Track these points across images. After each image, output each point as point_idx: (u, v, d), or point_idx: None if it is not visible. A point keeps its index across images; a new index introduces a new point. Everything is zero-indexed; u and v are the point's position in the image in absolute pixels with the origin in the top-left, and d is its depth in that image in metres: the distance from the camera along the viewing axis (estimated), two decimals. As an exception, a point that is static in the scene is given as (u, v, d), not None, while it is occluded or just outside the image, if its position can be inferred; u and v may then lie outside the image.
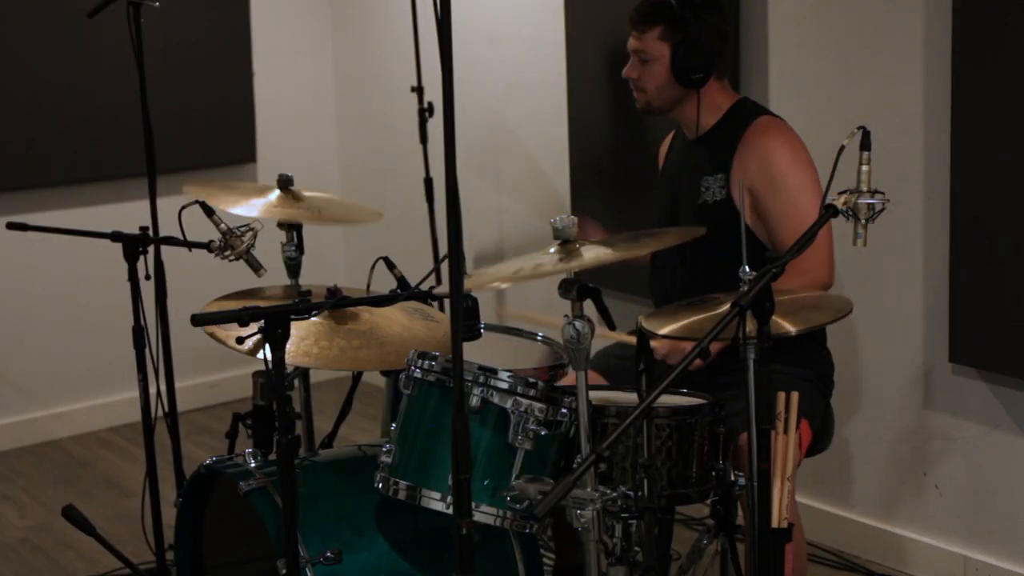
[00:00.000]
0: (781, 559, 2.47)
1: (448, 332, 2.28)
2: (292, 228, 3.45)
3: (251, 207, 3.41)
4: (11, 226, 3.49)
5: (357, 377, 3.50)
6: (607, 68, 4.28)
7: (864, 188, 2.33)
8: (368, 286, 3.17)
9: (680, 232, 2.73)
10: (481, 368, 2.52)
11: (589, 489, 2.39)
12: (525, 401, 2.49)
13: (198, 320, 2.47)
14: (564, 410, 2.52)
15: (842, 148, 2.37)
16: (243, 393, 4.36)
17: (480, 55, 4.87)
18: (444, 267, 3.22)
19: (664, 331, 2.57)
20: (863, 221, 2.34)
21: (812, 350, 3.12)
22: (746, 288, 2.31)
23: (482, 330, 2.77)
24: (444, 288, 2.78)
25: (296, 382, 3.49)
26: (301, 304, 2.51)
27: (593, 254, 2.52)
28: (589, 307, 2.48)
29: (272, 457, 2.89)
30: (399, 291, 2.90)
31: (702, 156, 3.12)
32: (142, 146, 3.32)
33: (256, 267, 3.08)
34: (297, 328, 2.72)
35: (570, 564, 3.17)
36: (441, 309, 3.56)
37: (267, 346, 2.45)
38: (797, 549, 2.92)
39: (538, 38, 4.64)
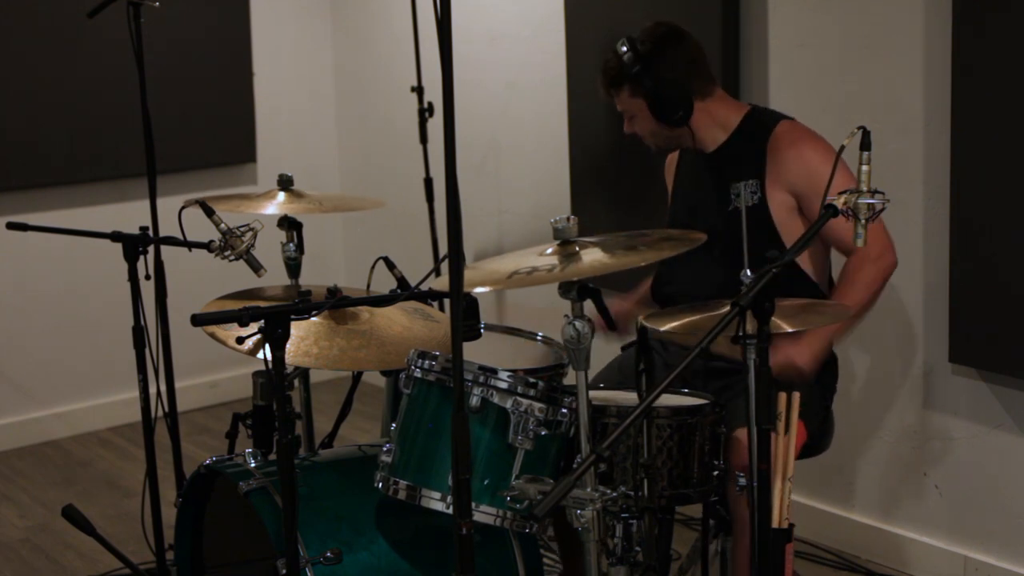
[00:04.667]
0: (781, 559, 2.47)
1: (448, 332, 2.28)
2: (292, 228, 3.45)
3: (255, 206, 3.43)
4: (11, 226, 3.49)
5: (357, 377, 3.50)
6: (607, 68, 4.27)
7: (864, 188, 2.34)
8: (368, 286, 3.17)
9: (681, 239, 2.71)
10: (481, 368, 2.52)
11: (589, 489, 2.39)
12: (525, 401, 2.49)
13: (198, 320, 2.47)
14: (564, 410, 2.52)
15: (842, 148, 2.37)
16: (243, 393, 4.37)
17: (480, 55, 4.87)
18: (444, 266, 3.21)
19: (666, 328, 2.58)
20: (863, 221, 2.34)
21: None
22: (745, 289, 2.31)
23: (482, 330, 2.77)
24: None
25: (296, 382, 3.49)
26: (301, 304, 2.51)
27: (590, 260, 2.51)
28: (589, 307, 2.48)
29: (272, 457, 2.89)
30: (399, 291, 2.90)
31: (726, 166, 3.12)
32: (142, 146, 3.32)
33: (256, 267, 3.08)
34: (297, 328, 2.72)
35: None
36: (441, 309, 3.56)
37: (267, 346, 2.45)
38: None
39: (538, 38, 4.64)
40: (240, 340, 2.54)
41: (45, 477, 4.78)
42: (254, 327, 2.43)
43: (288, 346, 2.50)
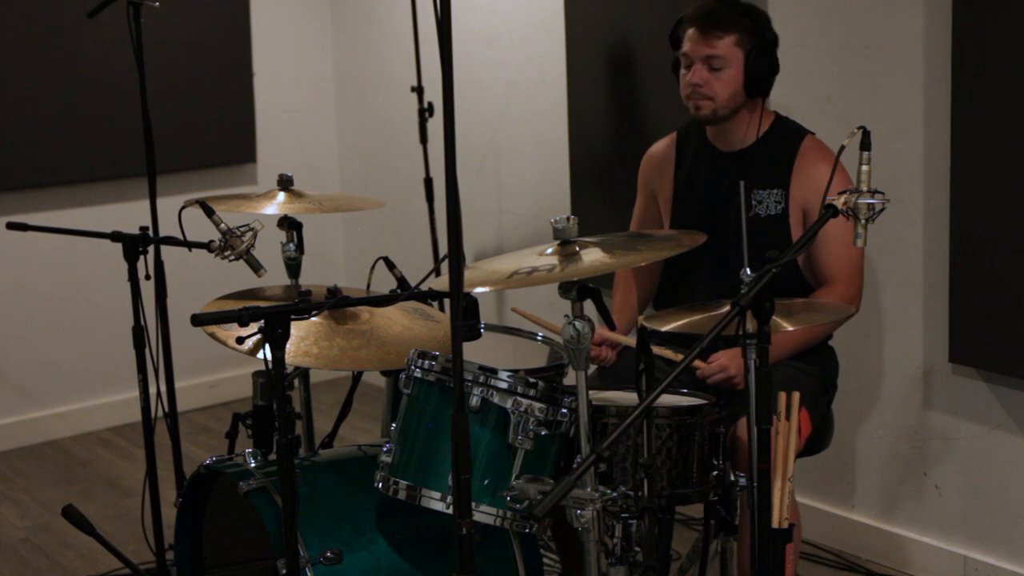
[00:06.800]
0: (781, 559, 2.47)
1: (448, 332, 2.28)
2: (292, 228, 3.45)
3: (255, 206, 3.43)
4: (11, 226, 3.49)
5: (357, 377, 3.50)
6: (607, 68, 4.28)
7: (864, 188, 2.34)
8: (368, 286, 3.17)
9: (681, 239, 2.70)
10: (481, 368, 2.52)
11: (589, 489, 2.39)
12: (525, 401, 2.49)
13: (198, 320, 2.47)
14: (564, 410, 2.52)
15: (842, 148, 2.37)
16: (243, 393, 4.37)
17: (480, 55, 4.87)
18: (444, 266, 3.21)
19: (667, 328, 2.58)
20: (863, 221, 2.34)
21: (816, 346, 3.13)
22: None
23: (482, 330, 2.77)
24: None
25: (296, 382, 3.49)
26: (301, 304, 2.51)
27: (590, 260, 2.51)
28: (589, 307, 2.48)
29: (272, 457, 2.89)
30: (399, 291, 2.90)
31: (751, 169, 3.08)
32: (142, 146, 3.32)
33: (256, 267, 3.08)
34: (297, 328, 2.73)
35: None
36: (441, 309, 3.56)
37: (267, 346, 2.45)
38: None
39: (538, 38, 4.64)
40: (240, 340, 2.54)
41: (45, 477, 4.78)
42: (254, 327, 2.43)
43: (288, 346, 2.50)
